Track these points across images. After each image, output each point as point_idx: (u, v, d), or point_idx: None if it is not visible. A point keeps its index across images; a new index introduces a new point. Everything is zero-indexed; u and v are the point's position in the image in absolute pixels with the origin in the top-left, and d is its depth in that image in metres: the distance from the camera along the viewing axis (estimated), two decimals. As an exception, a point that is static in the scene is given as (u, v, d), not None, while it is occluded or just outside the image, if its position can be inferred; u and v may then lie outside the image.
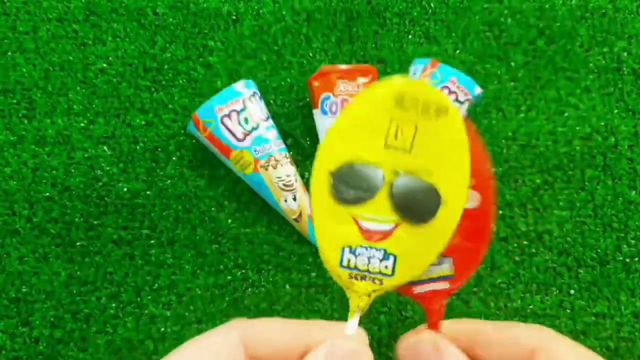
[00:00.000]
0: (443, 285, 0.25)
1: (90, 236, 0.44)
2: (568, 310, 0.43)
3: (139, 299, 0.43)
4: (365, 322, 0.43)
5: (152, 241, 0.44)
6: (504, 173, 0.45)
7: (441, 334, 0.24)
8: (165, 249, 0.44)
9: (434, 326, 0.25)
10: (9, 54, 0.47)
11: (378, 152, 0.24)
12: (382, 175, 0.24)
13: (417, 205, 0.24)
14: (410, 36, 0.48)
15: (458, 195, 0.24)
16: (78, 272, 0.44)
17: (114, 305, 0.43)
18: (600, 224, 0.45)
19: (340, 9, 0.48)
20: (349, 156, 0.24)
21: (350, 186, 0.24)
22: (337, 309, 0.44)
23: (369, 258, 0.24)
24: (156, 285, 0.44)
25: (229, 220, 0.45)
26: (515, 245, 0.44)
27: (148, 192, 0.45)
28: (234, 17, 0.48)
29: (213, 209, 0.45)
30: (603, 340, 0.43)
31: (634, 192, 0.45)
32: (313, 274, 0.44)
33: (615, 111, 0.47)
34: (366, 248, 0.24)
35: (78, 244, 0.44)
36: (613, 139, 0.46)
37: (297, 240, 0.45)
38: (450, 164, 0.24)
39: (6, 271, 0.43)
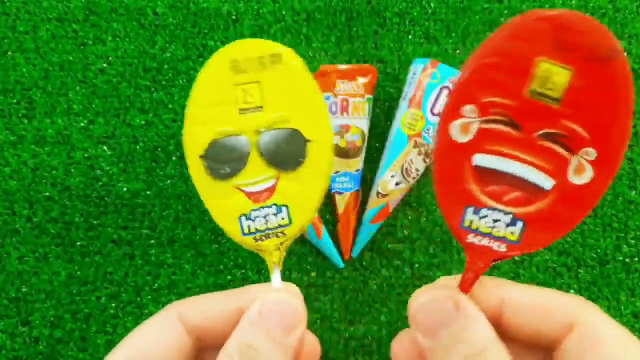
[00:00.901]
0: (500, 247, 0.22)
1: (90, 236, 0.44)
2: (568, 310, 0.43)
3: (139, 298, 0.43)
4: (365, 321, 0.43)
5: (152, 241, 0.44)
6: (503, 173, 0.45)
7: (465, 295, 0.22)
8: (165, 249, 0.44)
9: (465, 284, 0.22)
10: (9, 53, 0.47)
11: (235, 120, 0.25)
12: (247, 140, 0.25)
13: (286, 153, 0.25)
14: (410, 36, 0.48)
15: (320, 129, 0.25)
16: (78, 272, 0.44)
17: (113, 305, 0.43)
18: (600, 224, 0.45)
19: (340, 9, 0.48)
20: (211, 135, 0.25)
21: (223, 161, 0.25)
22: (337, 309, 0.44)
23: (264, 217, 0.25)
24: (156, 285, 0.44)
25: (229, 220, 0.45)
26: (515, 245, 0.44)
27: (148, 192, 0.45)
28: (234, 17, 0.48)
29: (213, 208, 0.45)
30: (603, 340, 0.43)
31: (634, 192, 0.45)
32: (313, 274, 0.44)
33: (615, 111, 0.47)
34: (259, 209, 0.25)
35: (78, 243, 0.44)
36: (613, 139, 0.46)
37: (296, 240, 0.45)
38: (302, 103, 0.25)
39: (6, 271, 0.43)
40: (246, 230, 0.25)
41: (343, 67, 0.45)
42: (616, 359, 0.20)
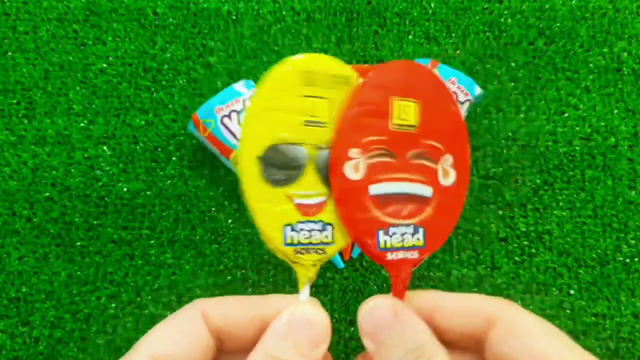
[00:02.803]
0: (413, 255, 0.26)
1: (90, 236, 0.44)
2: (568, 311, 0.43)
3: (139, 299, 0.43)
4: (365, 322, 0.43)
5: (152, 241, 0.44)
6: (503, 173, 0.45)
7: (403, 302, 0.25)
8: (165, 249, 0.44)
9: (398, 294, 0.25)
10: (9, 54, 0.47)
11: (298, 130, 0.25)
12: (306, 152, 0.25)
13: None
14: (410, 36, 0.48)
15: None
16: (78, 272, 0.44)
17: (113, 305, 0.43)
18: (600, 224, 0.45)
19: (340, 9, 0.48)
20: (272, 139, 0.25)
21: (279, 167, 0.25)
22: (337, 309, 0.44)
23: (309, 231, 0.25)
24: (156, 285, 0.44)
25: (229, 220, 0.45)
26: (515, 245, 0.44)
27: (148, 192, 0.45)
28: (234, 17, 0.48)
29: (213, 209, 0.45)
30: (603, 341, 0.43)
31: (634, 193, 0.45)
32: (313, 274, 0.44)
33: (616, 111, 0.47)
34: (305, 223, 0.25)
35: (78, 244, 0.44)
36: (613, 139, 0.46)
37: (297, 240, 0.44)
38: None
39: (6, 271, 0.43)
40: (289, 241, 0.25)
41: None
42: (535, 341, 0.23)
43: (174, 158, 0.46)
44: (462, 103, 0.43)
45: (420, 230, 0.25)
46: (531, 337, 0.23)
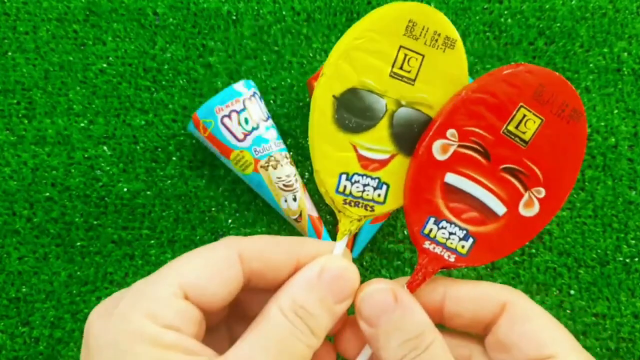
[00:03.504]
0: (450, 257, 0.25)
1: (90, 236, 0.44)
2: (568, 311, 0.43)
3: (139, 299, 0.43)
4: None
5: (152, 241, 0.44)
6: (504, 173, 0.45)
7: (406, 290, 0.25)
8: (165, 249, 0.44)
9: (413, 284, 0.25)
10: (9, 54, 0.47)
11: (383, 80, 0.23)
12: (385, 105, 0.24)
13: (414, 137, 0.24)
14: (410, 36, 0.48)
15: None
16: (78, 272, 0.44)
17: (114, 305, 0.43)
18: (600, 224, 0.45)
19: (340, 9, 0.48)
20: (354, 82, 0.23)
21: (353, 113, 0.24)
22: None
23: (364, 186, 0.24)
24: (156, 285, 0.43)
25: (229, 220, 0.45)
26: (516, 245, 0.44)
27: (148, 192, 0.45)
28: (234, 17, 0.48)
29: (213, 209, 0.45)
30: (603, 341, 0.43)
31: (634, 193, 0.45)
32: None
33: (616, 111, 0.47)
34: (362, 176, 0.24)
35: (78, 244, 0.44)
36: (613, 139, 0.46)
37: (297, 240, 0.44)
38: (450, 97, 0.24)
39: (6, 271, 0.43)
40: (341, 189, 0.24)
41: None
42: (539, 330, 0.23)
43: (174, 158, 0.46)
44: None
45: (470, 239, 0.24)
46: (539, 327, 0.23)
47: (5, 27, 0.47)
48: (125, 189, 0.45)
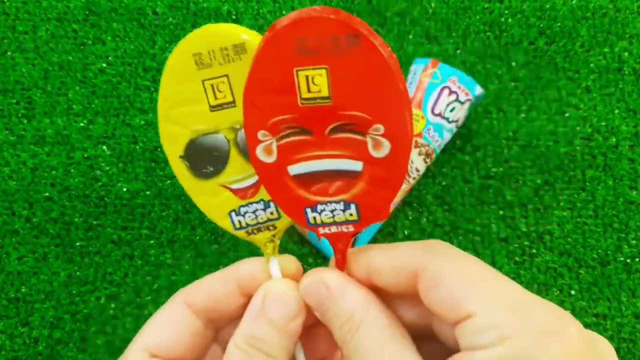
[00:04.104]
0: (348, 228, 0.25)
1: (89, 236, 0.44)
2: (569, 311, 0.43)
3: (138, 299, 0.43)
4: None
5: (152, 241, 0.44)
6: (504, 173, 0.45)
7: (337, 272, 0.25)
8: (165, 249, 0.44)
9: (339, 264, 0.25)
10: (9, 53, 0.47)
11: (208, 118, 0.23)
12: (224, 138, 0.24)
13: None
14: (410, 36, 0.48)
15: None
16: (77, 272, 0.43)
17: (113, 305, 0.43)
18: (601, 225, 0.45)
19: (340, 9, 0.48)
20: (187, 134, 0.24)
21: (204, 161, 0.24)
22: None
23: (254, 212, 0.25)
24: (156, 285, 0.43)
25: (229, 221, 0.45)
26: (516, 245, 0.44)
27: (147, 192, 0.45)
28: (234, 17, 0.48)
29: (213, 209, 0.45)
30: (604, 341, 0.43)
31: (634, 193, 0.45)
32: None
33: (616, 111, 0.47)
34: (247, 205, 0.25)
35: (77, 244, 0.44)
36: (614, 139, 0.46)
37: (297, 240, 0.44)
38: None
39: (5, 271, 0.43)
40: (237, 225, 0.25)
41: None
42: (451, 291, 0.22)
43: (173, 158, 0.45)
44: (462, 103, 0.43)
45: (352, 205, 0.24)
46: (452, 288, 0.22)
47: (4, 26, 0.47)
48: (124, 189, 0.45)
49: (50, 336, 0.43)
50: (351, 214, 0.24)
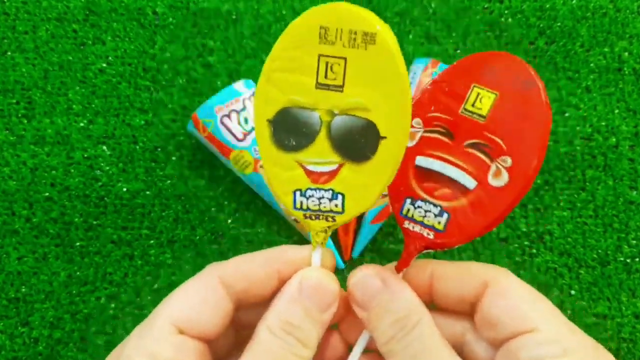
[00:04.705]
0: (429, 234, 0.26)
1: (89, 236, 0.44)
2: (569, 311, 0.43)
3: (138, 299, 0.43)
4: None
5: (152, 241, 0.44)
6: (504, 173, 0.45)
7: (394, 271, 0.26)
8: (165, 249, 0.44)
9: (400, 265, 0.26)
10: (9, 53, 0.47)
11: (311, 93, 0.23)
12: (319, 118, 0.24)
13: (356, 145, 0.24)
14: (410, 36, 0.48)
15: (398, 129, 0.23)
16: (77, 272, 0.43)
17: (113, 305, 0.43)
18: (601, 225, 0.45)
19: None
20: (283, 102, 0.24)
21: (290, 133, 0.24)
22: (337, 310, 0.43)
23: (319, 199, 0.25)
24: (156, 285, 0.43)
25: (229, 220, 0.45)
26: (516, 245, 0.44)
27: (147, 192, 0.45)
28: (233, 17, 0.48)
29: (213, 209, 0.45)
30: (604, 341, 0.43)
31: (635, 193, 0.45)
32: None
33: (617, 111, 0.47)
34: (315, 190, 0.25)
35: (77, 244, 0.44)
36: (614, 139, 0.46)
37: (297, 240, 0.44)
38: (385, 96, 0.23)
39: (5, 271, 0.43)
40: (298, 206, 0.25)
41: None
42: (519, 304, 0.24)
43: (173, 158, 0.45)
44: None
45: (445, 215, 0.25)
46: (519, 301, 0.24)
47: (4, 26, 0.47)
48: (124, 189, 0.45)
49: (50, 336, 0.43)
50: (439, 222, 0.26)
